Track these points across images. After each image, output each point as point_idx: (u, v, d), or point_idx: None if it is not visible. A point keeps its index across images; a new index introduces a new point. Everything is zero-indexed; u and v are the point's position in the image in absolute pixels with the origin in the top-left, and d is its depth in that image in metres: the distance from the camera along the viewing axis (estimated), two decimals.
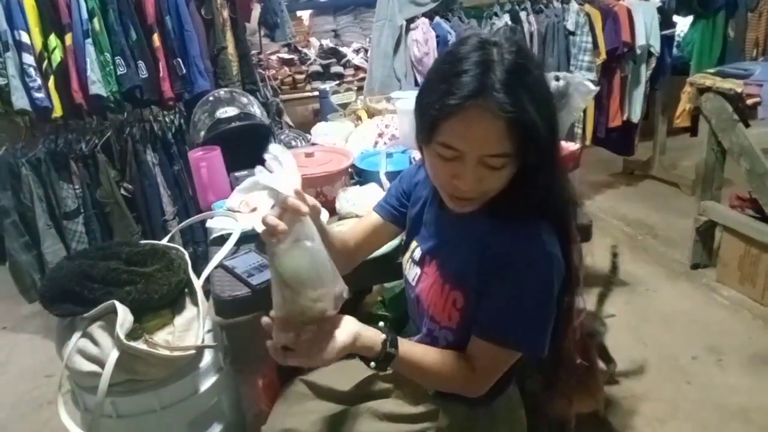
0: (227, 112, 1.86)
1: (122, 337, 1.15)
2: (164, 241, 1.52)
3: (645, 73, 3.19)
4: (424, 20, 2.88)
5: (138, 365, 1.20)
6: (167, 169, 2.56)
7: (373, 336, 0.91)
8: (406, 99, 1.90)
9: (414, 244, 1.13)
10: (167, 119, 2.58)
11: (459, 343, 1.00)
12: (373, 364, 0.92)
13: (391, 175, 1.56)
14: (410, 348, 0.96)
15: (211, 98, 1.94)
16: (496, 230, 0.95)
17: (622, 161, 3.90)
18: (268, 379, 1.68)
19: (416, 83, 2.93)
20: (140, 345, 1.19)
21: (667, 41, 3.23)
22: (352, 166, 1.70)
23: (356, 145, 1.89)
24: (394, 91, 2.55)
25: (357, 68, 3.70)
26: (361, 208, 1.50)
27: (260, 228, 0.81)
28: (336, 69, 3.69)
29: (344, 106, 2.28)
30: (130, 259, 1.32)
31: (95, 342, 1.21)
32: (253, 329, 2.09)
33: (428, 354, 0.98)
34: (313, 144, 1.96)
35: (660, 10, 3.12)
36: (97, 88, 2.23)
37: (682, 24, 3.39)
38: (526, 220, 0.94)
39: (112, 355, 1.16)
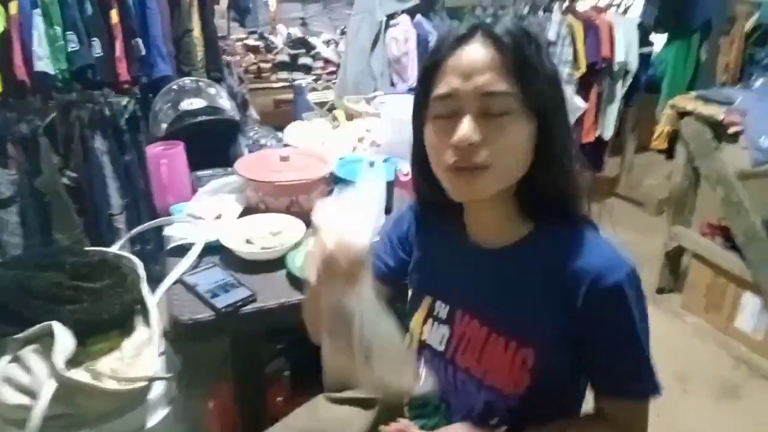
0: (193, 104, 1.68)
1: (61, 366, 0.99)
2: (115, 248, 1.35)
3: (621, 89, 3.17)
4: (406, 17, 2.76)
5: (78, 398, 1.04)
6: (117, 159, 2.35)
7: None
8: (390, 104, 1.77)
9: (429, 299, 0.91)
10: (120, 103, 2.36)
11: (524, 412, 0.81)
12: None
13: None
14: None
15: (174, 87, 1.76)
16: (556, 254, 0.78)
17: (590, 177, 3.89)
18: (222, 403, 1.54)
19: (392, 83, 2.80)
20: (82, 374, 1.03)
21: (643, 59, 3.22)
22: (331, 173, 1.56)
23: (333, 149, 1.75)
24: (369, 90, 2.42)
25: (327, 61, 3.55)
26: None
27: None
28: (304, 60, 3.54)
29: (321, 104, 2.13)
30: (75, 271, 1.14)
31: (27, 369, 1.03)
32: (208, 348, 1.95)
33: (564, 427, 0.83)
34: (286, 146, 1.80)
35: (639, 27, 3.10)
36: (44, 64, 2.03)
37: (660, 43, 3.39)
38: (579, 236, 0.78)
39: (48, 387, 0.99)
